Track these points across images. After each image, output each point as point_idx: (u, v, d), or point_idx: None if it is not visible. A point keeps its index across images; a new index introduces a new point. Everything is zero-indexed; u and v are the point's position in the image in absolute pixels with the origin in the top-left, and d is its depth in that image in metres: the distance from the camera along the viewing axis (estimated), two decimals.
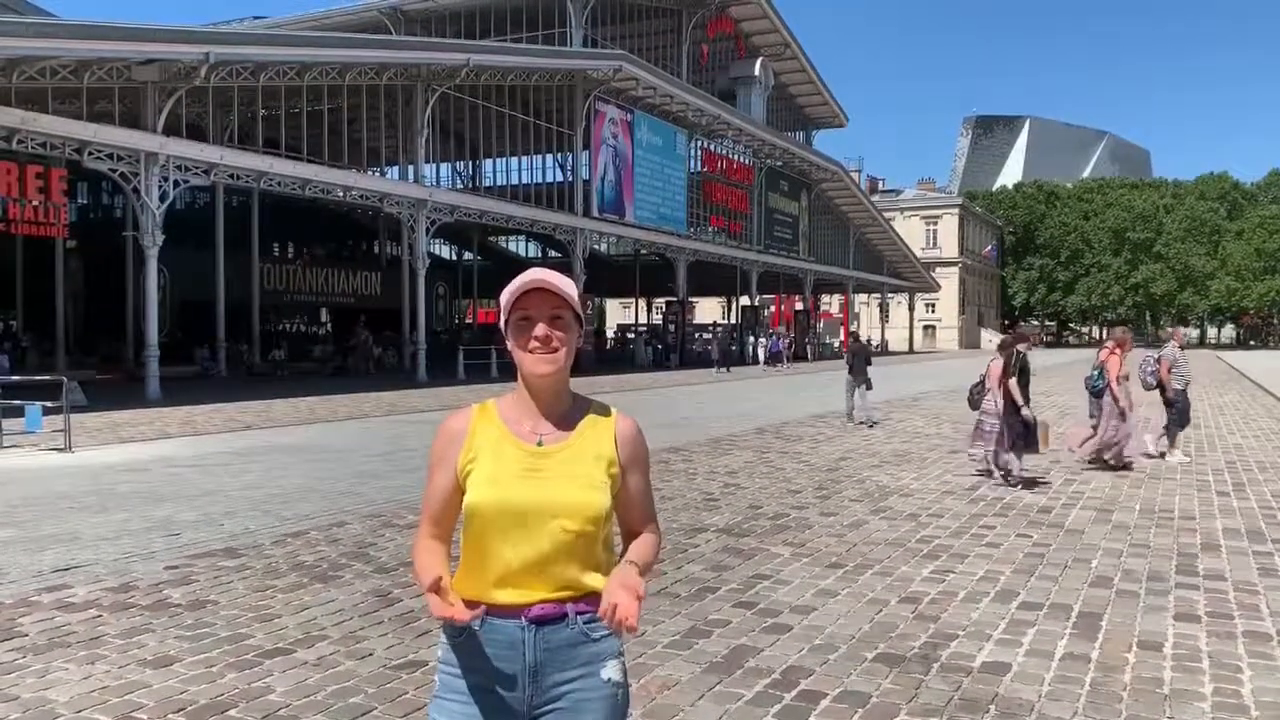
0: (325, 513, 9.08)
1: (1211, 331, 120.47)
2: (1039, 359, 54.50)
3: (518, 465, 2.12)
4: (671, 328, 51.47)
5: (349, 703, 4.45)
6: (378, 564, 7.06)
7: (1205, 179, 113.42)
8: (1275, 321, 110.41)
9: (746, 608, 6.04)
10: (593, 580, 2.12)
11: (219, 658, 5.03)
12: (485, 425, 2.18)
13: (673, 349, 48.13)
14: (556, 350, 2.12)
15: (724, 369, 41.27)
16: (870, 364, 18.63)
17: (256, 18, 44.08)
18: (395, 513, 8.97)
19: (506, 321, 2.15)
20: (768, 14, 52.15)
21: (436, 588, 1.99)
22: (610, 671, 2.13)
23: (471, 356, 33.22)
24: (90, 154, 21.89)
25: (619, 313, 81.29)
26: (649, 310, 69.87)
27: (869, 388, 18.16)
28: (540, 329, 2.11)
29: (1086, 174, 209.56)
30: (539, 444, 2.14)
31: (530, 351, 2.11)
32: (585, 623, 2.11)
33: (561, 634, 2.09)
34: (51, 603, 6.03)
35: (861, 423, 17.78)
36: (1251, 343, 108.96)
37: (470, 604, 2.08)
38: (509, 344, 2.15)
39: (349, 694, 4.56)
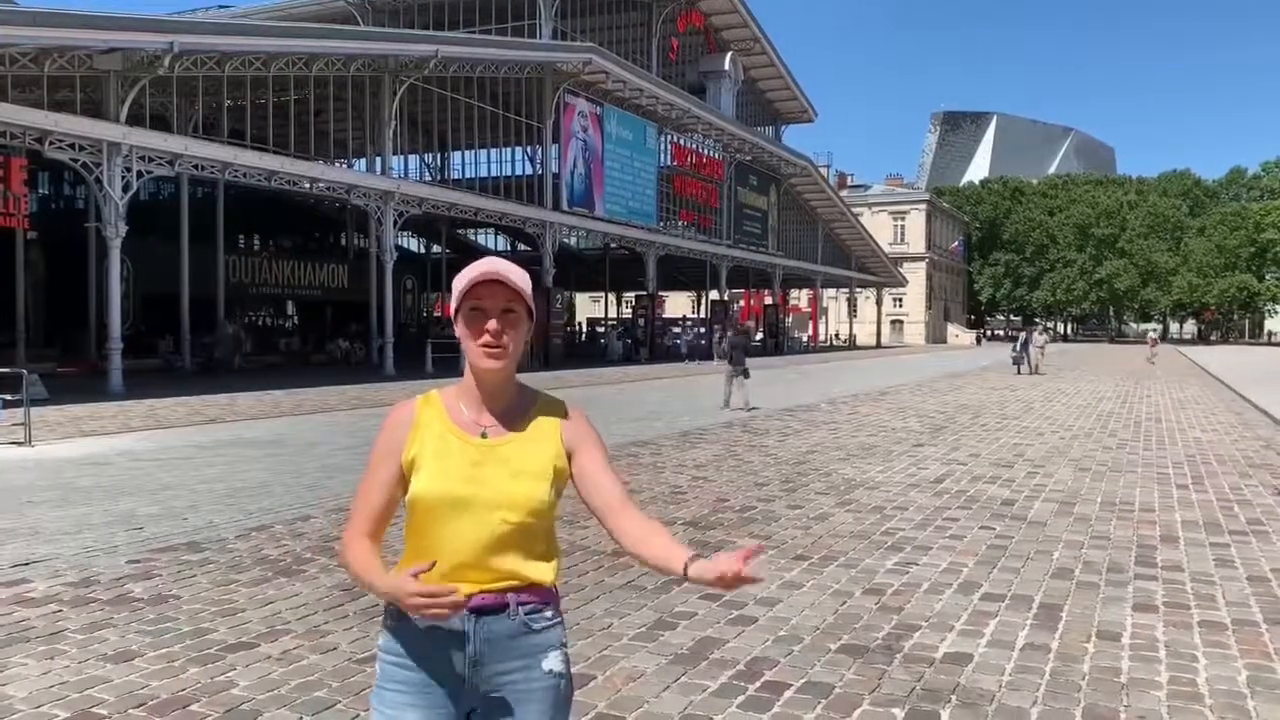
0: (290, 506, 9.02)
1: (1174, 327, 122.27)
2: (1002, 353, 54.99)
3: (461, 458, 2.10)
4: (641, 322, 51.52)
5: (313, 696, 4.44)
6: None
7: (1168, 176, 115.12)
8: (1235, 317, 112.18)
9: (712, 600, 6.06)
10: (533, 571, 2.11)
11: (181, 652, 5.00)
12: (430, 417, 2.16)
13: (643, 343, 48.18)
14: (506, 344, 2.11)
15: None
16: (749, 354, 20.85)
17: (221, 7, 43.54)
18: None
19: (457, 310, 2.13)
20: (737, 9, 52.23)
21: (417, 577, 1.96)
22: (552, 663, 2.12)
23: (440, 350, 33.03)
24: (51, 144, 21.53)
25: (589, 306, 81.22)
26: (619, 304, 69.87)
27: (746, 376, 19.75)
28: (492, 324, 2.09)
29: (1052, 170, 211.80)
30: (483, 436, 2.13)
31: (480, 345, 2.10)
32: (527, 614, 2.11)
33: (502, 624, 2.08)
34: (10, 598, 5.95)
35: (739, 408, 19.16)
36: (1213, 338, 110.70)
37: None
38: (458, 333, 2.14)
39: (313, 687, 4.54)
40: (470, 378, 2.17)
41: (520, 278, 2.12)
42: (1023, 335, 39.65)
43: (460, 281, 2.12)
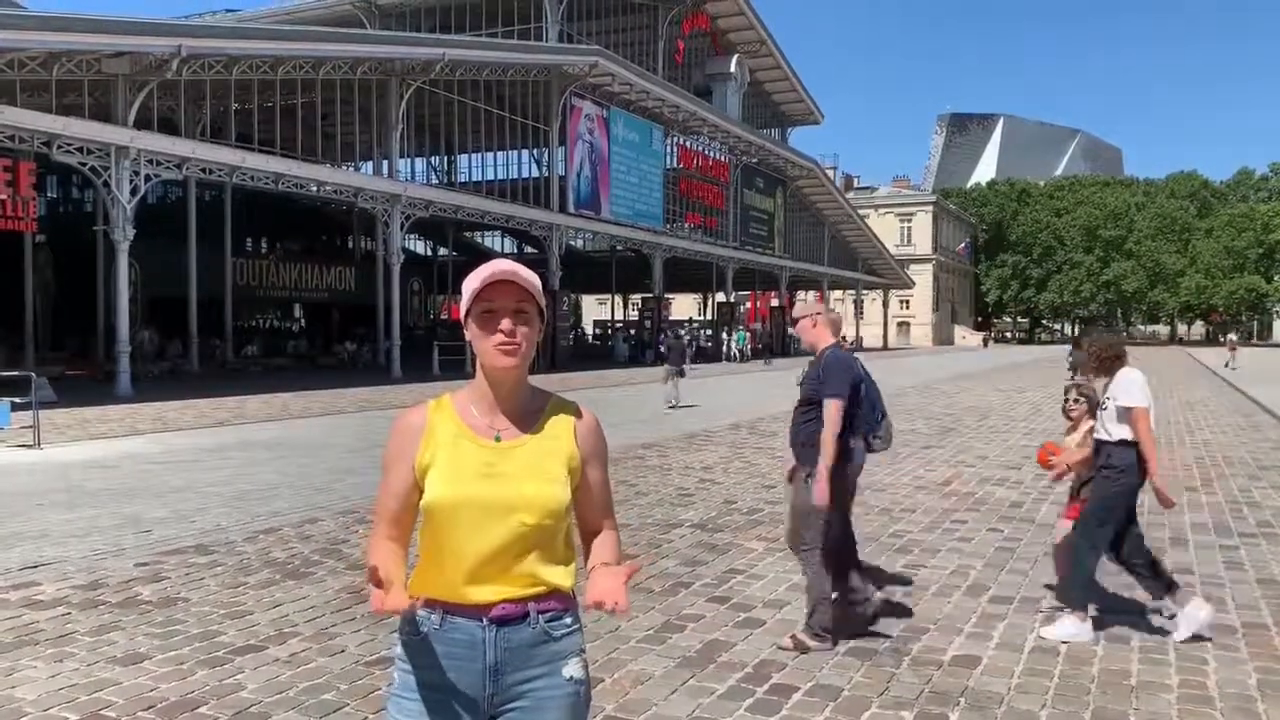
0: (298, 509, 9.04)
1: (1182, 328, 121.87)
2: (1010, 355, 54.45)
3: (476, 461, 2.09)
4: (647, 324, 51.49)
5: (321, 699, 4.44)
6: (350, 560, 7.03)
7: (1176, 177, 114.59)
8: (1244, 319, 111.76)
9: (720, 602, 6.06)
10: (553, 576, 2.11)
11: (190, 655, 5.01)
12: (442, 421, 2.15)
13: (649, 345, 48.16)
14: (520, 343, 2.10)
15: (766, 362, 44.31)
16: (685, 357, 22.88)
17: (229, 11, 43.70)
18: (368, 509, 8.92)
19: (468, 312, 2.12)
20: (744, 11, 52.22)
21: (376, 580, 1.94)
22: (572, 669, 2.12)
23: (446, 352, 33.09)
24: (60, 147, 21.61)
25: (595, 308, 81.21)
26: (625, 306, 69.84)
27: (682, 375, 21.52)
28: (505, 323, 2.08)
29: (1059, 172, 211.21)
30: (497, 439, 2.12)
31: (494, 344, 2.09)
32: (547, 621, 2.10)
33: (522, 633, 2.08)
34: (19, 600, 5.97)
35: (675, 405, 20.44)
36: (1220, 339, 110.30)
37: (429, 603, 2.07)
38: (469, 335, 2.13)
39: (321, 690, 4.55)
40: (482, 380, 2.16)
41: (530, 277, 2.13)
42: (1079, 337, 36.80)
43: (470, 284, 2.11)
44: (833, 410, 5.17)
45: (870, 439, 5.70)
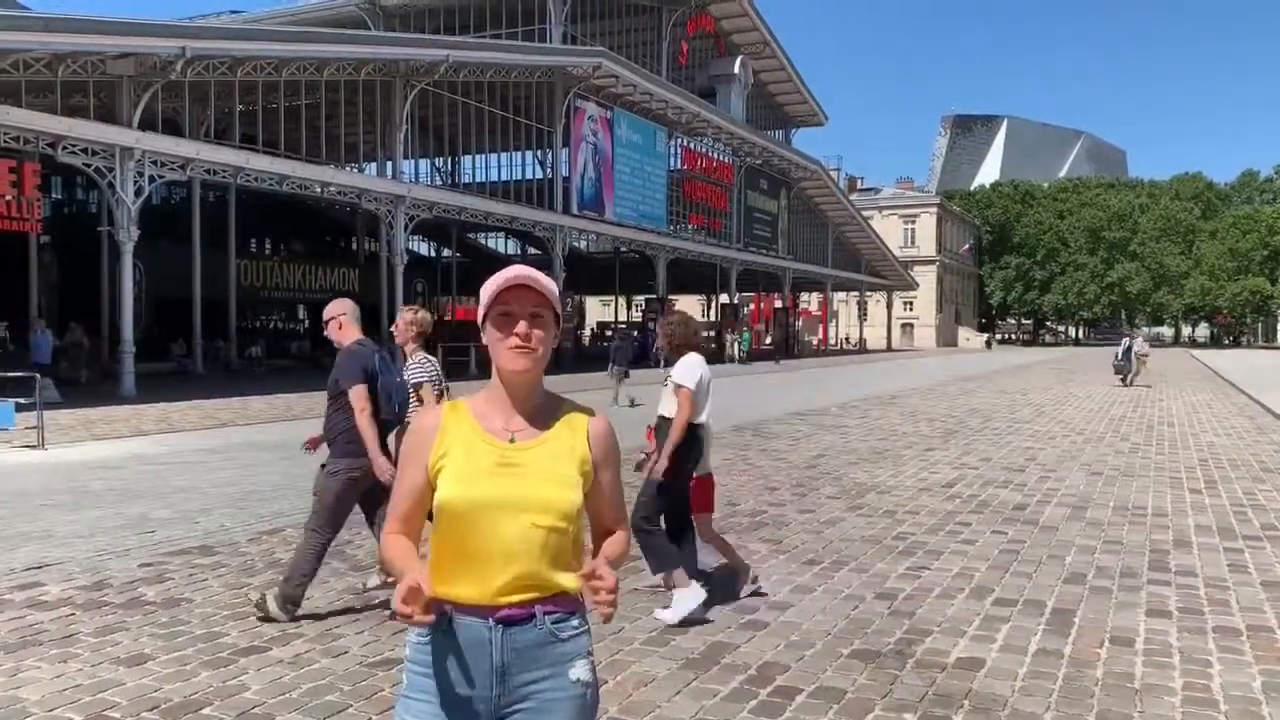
0: (301, 510, 8.99)
1: (1186, 330, 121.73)
2: (1013, 357, 54.55)
3: (489, 462, 2.11)
4: (651, 325, 51.48)
5: (324, 700, 4.44)
6: (354, 562, 7.03)
7: (1180, 179, 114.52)
8: (1248, 320, 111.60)
9: (723, 604, 6.06)
10: (562, 579, 2.11)
11: (193, 656, 5.01)
12: (457, 423, 2.17)
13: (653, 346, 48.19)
14: (536, 348, 2.12)
15: (777, 362, 45.57)
16: (631, 356, 23.49)
17: (233, 12, 43.75)
18: None
19: (486, 315, 2.15)
20: (747, 12, 52.26)
21: (414, 586, 1.96)
22: (579, 671, 2.12)
23: (450, 354, 33.07)
24: (65, 148, 21.65)
25: (599, 310, 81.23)
26: (629, 307, 69.86)
27: (626, 375, 21.98)
28: (522, 326, 2.11)
29: (1063, 173, 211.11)
30: (511, 441, 2.14)
31: (509, 346, 2.12)
32: (553, 623, 2.10)
33: (529, 634, 2.08)
34: (24, 601, 5.98)
35: (624, 404, 20.46)
36: (1225, 341, 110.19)
37: (435, 604, 2.04)
38: (486, 337, 2.15)
39: (324, 691, 4.55)
40: (498, 383, 2.18)
41: (549, 283, 2.16)
42: (1126, 340, 33.22)
43: (489, 287, 2.14)
44: (355, 396, 5.54)
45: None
